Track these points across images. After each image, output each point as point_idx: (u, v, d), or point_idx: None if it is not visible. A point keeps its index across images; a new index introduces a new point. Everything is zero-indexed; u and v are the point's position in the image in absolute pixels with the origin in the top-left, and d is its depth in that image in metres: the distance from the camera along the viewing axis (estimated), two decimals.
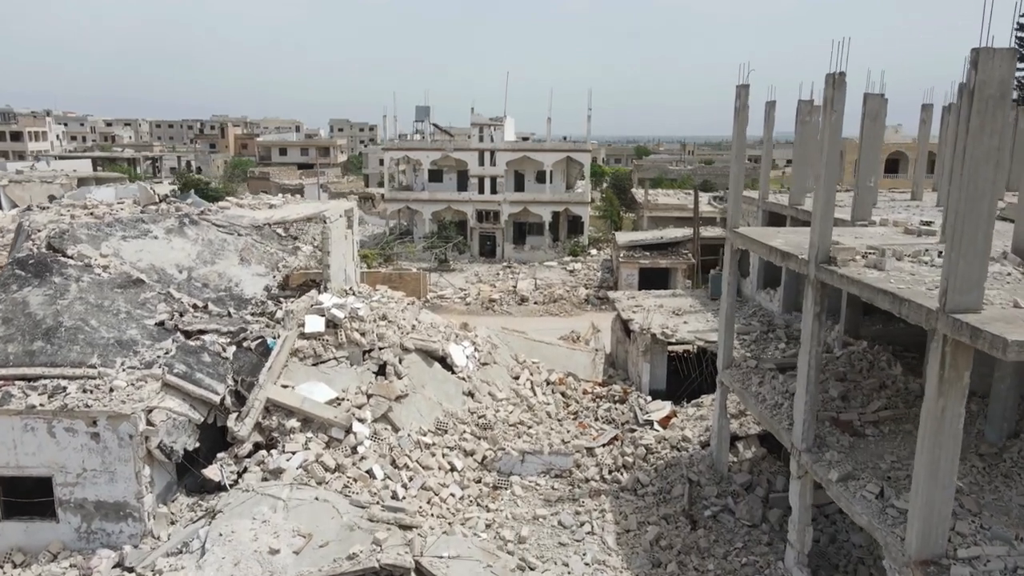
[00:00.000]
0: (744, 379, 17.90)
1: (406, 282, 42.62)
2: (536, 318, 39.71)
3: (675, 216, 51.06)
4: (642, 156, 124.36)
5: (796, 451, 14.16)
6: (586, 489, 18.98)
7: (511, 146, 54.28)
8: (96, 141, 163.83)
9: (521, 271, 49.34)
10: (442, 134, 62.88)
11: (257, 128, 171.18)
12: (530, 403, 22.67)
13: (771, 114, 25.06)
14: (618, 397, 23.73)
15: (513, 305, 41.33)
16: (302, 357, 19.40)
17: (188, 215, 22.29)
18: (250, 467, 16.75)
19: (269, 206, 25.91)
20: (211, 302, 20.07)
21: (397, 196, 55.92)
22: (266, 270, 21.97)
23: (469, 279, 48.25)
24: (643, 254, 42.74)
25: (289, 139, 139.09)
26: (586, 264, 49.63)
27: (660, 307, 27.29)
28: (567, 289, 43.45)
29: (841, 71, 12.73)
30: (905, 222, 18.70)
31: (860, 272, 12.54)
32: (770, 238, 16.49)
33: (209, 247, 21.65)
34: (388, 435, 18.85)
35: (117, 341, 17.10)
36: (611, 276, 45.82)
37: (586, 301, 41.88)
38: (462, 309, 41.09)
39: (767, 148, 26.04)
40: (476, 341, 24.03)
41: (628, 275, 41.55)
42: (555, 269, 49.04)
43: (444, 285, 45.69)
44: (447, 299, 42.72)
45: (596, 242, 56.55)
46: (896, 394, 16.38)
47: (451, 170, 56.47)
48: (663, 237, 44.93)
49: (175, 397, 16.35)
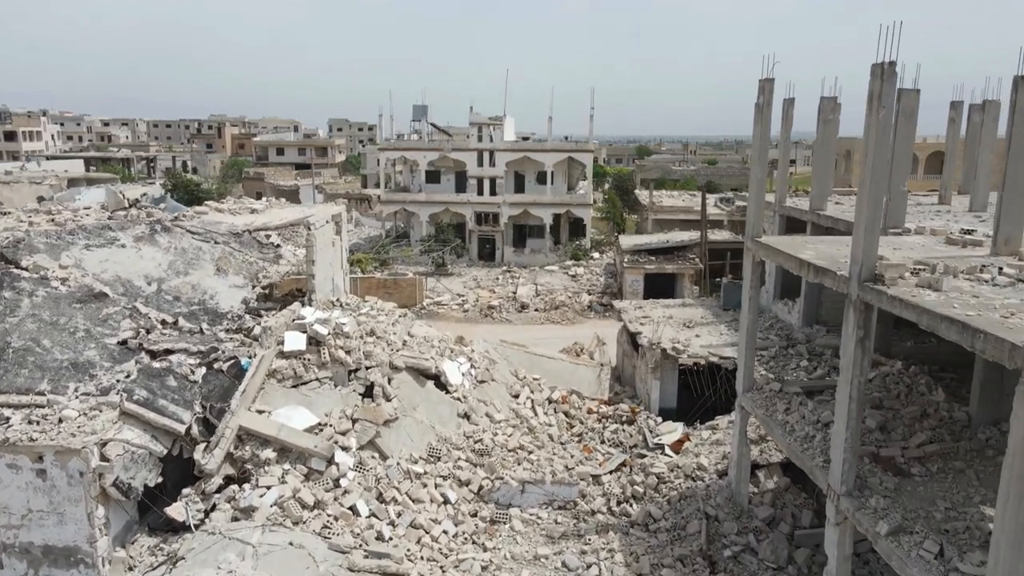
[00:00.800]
0: (768, 404, 16.18)
1: (401, 288, 40.97)
2: (537, 326, 38.00)
3: (681, 219, 49.30)
4: (644, 156, 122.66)
5: (834, 494, 12.44)
6: (592, 524, 17.26)
7: (511, 146, 52.56)
8: (92, 141, 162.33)
9: (521, 276, 47.60)
10: (440, 134, 61.19)
11: (255, 128, 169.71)
12: (531, 425, 20.95)
13: (789, 112, 23.31)
14: (626, 417, 22.01)
15: (513, 312, 39.60)
16: (280, 378, 17.68)
17: (160, 221, 20.58)
18: (219, 504, 15.04)
19: (251, 211, 24.20)
20: (183, 317, 18.34)
21: (393, 198, 54.19)
22: (244, 281, 20.26)
23: (467, 284, 46.53)
24: (648, 259, 41.02)
25: (286, 139, 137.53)
26: (588, 268, 47.90)
27: (669, 319, 25.56)
28: (569, 295, 41.72)
29: (891, 60, 11.01)
30: (944, 230, 16.98)
31: (914, 294, 10.81)
32: (798, 249, 14.76)
33: (182, 256, 19.93)
34: (375, 464, 17.14)
35: (72, 364, 15.37)
36: (614, 281, 44.11)
37: (589, 308, 40.15)
38: (460, 316, 39.38)
39: (784, 149, 24.27)
40: (473, 357, 22.31)
41: (633, 281, 39.84)
42: (556, 274, 47.31)
43: (441, 291, 43.98)
44: (444, 306, 41.01)
45: (598, 245, 54.85)
46: (940, 424, 14.64)
47: (449, 171, 54.73)
48: (668, 241, 43.22)
49: (134, 427, 14.63)
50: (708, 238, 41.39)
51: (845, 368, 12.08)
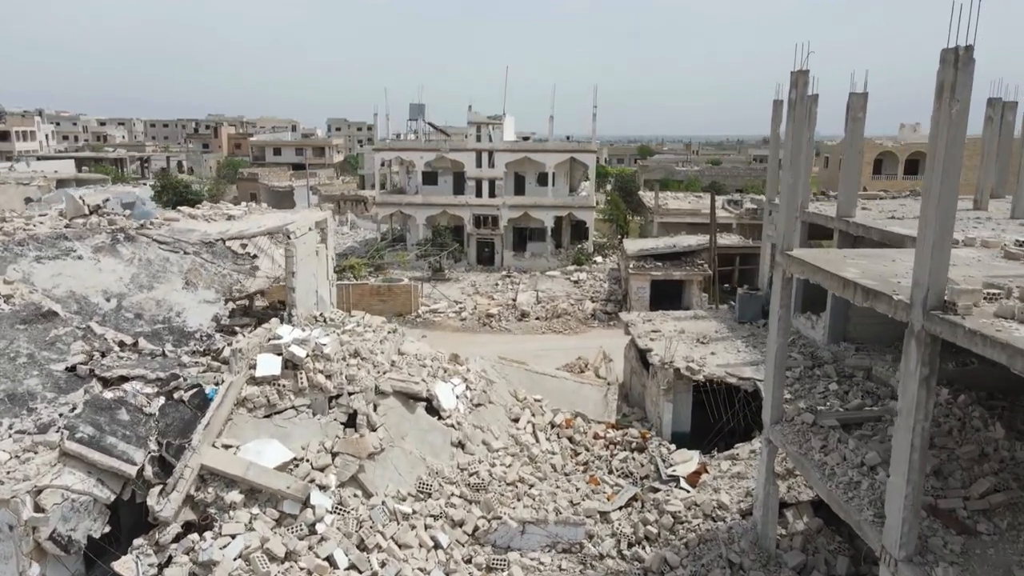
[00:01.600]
0: (801, 440, 14.27)
1: (396, 295, 39.09)
2: (538, 336, 36.10)
3: (687, 222, 47.39)
4: (646, 156, 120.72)
5: (890, 559, 10.54)
6: (601, 571, 15.36)
7: (511, 146, 50.64)
8: (88, 141, 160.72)
9: (521, 281, 45.68)
10: (438, 134, 59.29)
11: (253, 128, 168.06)
12: (531, 453, 19.04)
13: (813, 110, 21.48)
14: (636, 444, 20.10)
15: (513, 321, 37.69)
16: (251, 408, 15.78)
17: (123, 230, 18.67)
18: (176, 557, 13.14)
19: (227, 217, 22.30)
20: (144, 337, 16.45)
21: (389, 200, 52.25)
22: (216, 295, 18.36)
23: (465, 290, 44.62)
24: (655, 265, 39.11)
25: (284, 139, 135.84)
26: (591, 274, 45.98)
27: (681, 333, 23.66)
28: (571, 303, 39.80)
29: (967, 44, 9.10)
30: (996, 242, 15.07)
31: (999, 327, 8.90)
32: (840, 266, 12.85)
33: (147, 268, 18.03)
34: (357, 504, 15.24)
35: (8, 395, 13.48)
36: (619, 288, 42.19)
37: (592, 316, 38.24)
38: (457, 326, 37.48)
39: (808, 148, 22.33)
40: (468, 377, 20.41)
41: (639, 288, 37.92)
42: (558, 279, 45.40)
43: (438, 297, 42.07)
44: (441, 314, 39.11)
45: (601, 249, 52.94)
46: (1003, 467, 12.75)
47: (447, 172, 52.80)
48: (676, 246, 41.29)
49: (76, 470, 12.74)
50: (717, 242, 39.47)
51: (906, 412, 10.17)
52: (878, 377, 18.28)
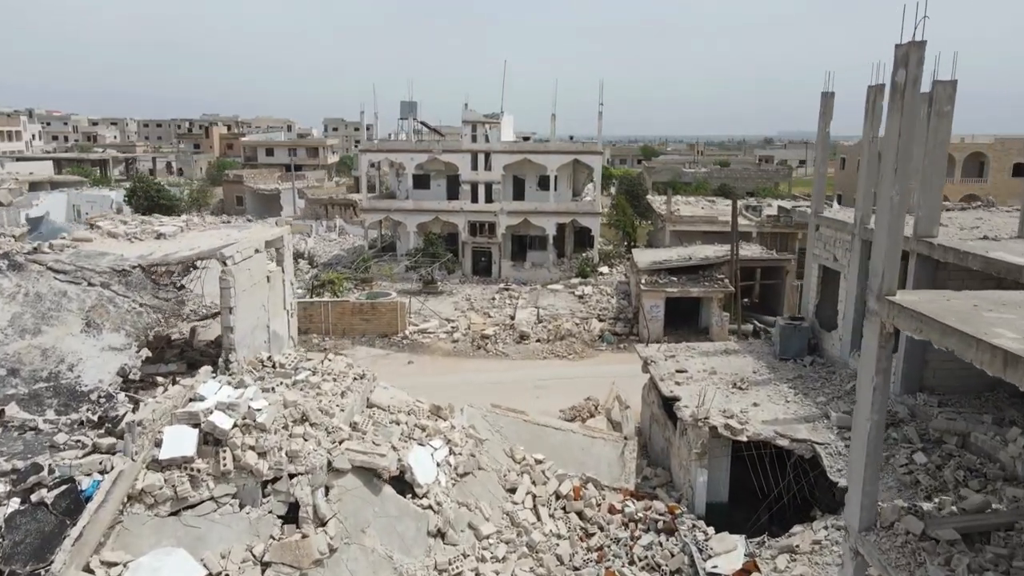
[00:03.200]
0: (909, 557, 10.15)
1: (380, 314, 34.99)
2: (539, 362, 31.99)
3: (703, 231, 43.28)
4: (650, 157, 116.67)
5: None
6: None
7: (509, 147, 46.54)
8: (78, 141, 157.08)
9: (521, 295, 41.59)
10: (432, 134, 55.24)
11: (249, 128, 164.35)
12: (531, 540, 14.93)
13: (877, 102, 17.43)
14: (662, 524, 15.98)
15: (510, 344, 33.57)
16: (152, 503, 11.68)
17: (8, 256, 14.56)
18: None
19: (156, 236, 18.20)
20: (18, 402, 12.35)
21: (376, 205, 48.14)
22: (126, 340, 14.26)
23: (459, 305, 40.52)
24: (669, 279, 35.00)
25: (276, 139, 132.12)
26: (598, 287, 41.87)
27: (711, 372, 19.54)
28: (576, 322, 35.68)
29: None
30: None
31: None
32: (979, 325, 8.72)
33: (35, 307, 13.94)
34: None
35: None
36: (629, 304, 38.07)
37: (600, 339, 34.11)
38: (448, 349, 33.36)
39: (869, 148, 18.20)
40: (453, 437, 16.30)
41: (652, 307, 33.80)
42: (561, 294, 41.28)
43: (428, 314, 37.96)
44: (430, 334, 35.00)
45: (608, 258, 48.83)
46: None
47: (440, 175, 48.72)
48: (692, 258, 37.17)
49: None
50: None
51: None
52: (979, 447, 14.16)
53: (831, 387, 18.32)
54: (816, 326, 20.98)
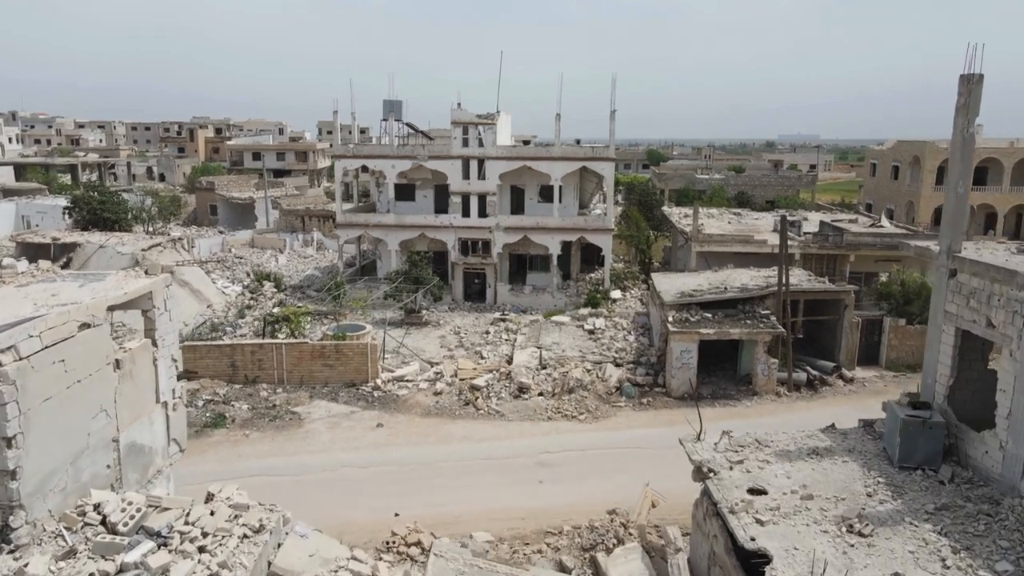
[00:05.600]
0: None
1: (346, 358, 28.40)
2: (542, 423, 25.36)
3: (734, 252, 36.73)
4: (658, 162, 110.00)
5: None
6: None
7: (506, 152, 39.97)
8: (61, 144, 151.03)
9: (520, 328, 35.00)
10: (420, 138, 48.68)
11: (240, 131, 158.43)
12: None
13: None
14: None
15: (506, 398, 26.95)
16: None
17: None
18: None
19: None
20: None
21: (352, 220, 41.55)
22: None
23: (446, 340, 33.95)
24: (701, 316, 28.40)
25: (263, 142, 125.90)
26: (611, 320, 35.26)
27: (805, 496, 12.92)
28: (588, 367, 29.07)
29: None
30: None
31: None
32: None
33: None
34: None
35: None
36: (650, 345, 31.46)
37: (618, 391, 27.50)
38: (428, 405, 26.71)
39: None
40: None
41: (682, 352, 27.19)
42: (567, 327, 34.66)
43: (407, 354, 31.36)
44: (408, 384, 28.39)
45: (620, 280, 42.25)
46: None
47: (426, 185, 42.16)
48: (726, 287, 30.60)
49: None
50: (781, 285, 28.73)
51: None
52: None
53: (1007, 532, 11.70)
54: (951, 418, 14.36)
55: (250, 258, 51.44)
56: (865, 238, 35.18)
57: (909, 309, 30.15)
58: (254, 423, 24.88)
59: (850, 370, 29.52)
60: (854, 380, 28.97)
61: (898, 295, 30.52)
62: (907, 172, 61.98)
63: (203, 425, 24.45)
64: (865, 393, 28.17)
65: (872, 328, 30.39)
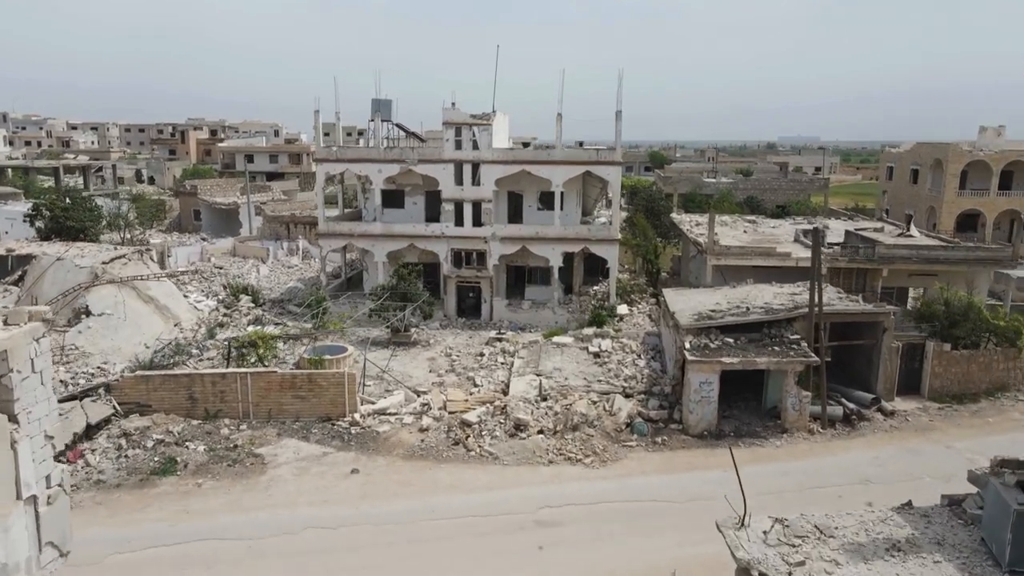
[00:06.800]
0: None
1: (321, 389, 25.11)
2: (542, 468, 22.02)
3: (753, 266, 33.41)
4: (661, 164, 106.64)
5: None
6: None
7: (503, 156, 36.65)
8: (51, 146, 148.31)
9: (518, 350, 31.68)
10: (411, 140, 45.38)
11: (235, 132, 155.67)
12: None
13: None
14: None
15: (501, 436, 23.62)
16: None
17: None
18: None
19: None
20: None
21: (335, 229, 38.25)
22: None
23: (436, 363, 30.66)
24: (723, 342, 25.08)
25: (256, 144, 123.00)
26: (618, 340, 31.92)
27: None
28: (595, 398, 25.74)
29: None
30: None
31: None
32: None
33: None
34: None
35: None
36: (663, 372, 28.15)
37: (628, 427, 24.17)
38: (413, 444, 23.38)
39: None
40: None
41: (702, 384, 23.86)
42: (570, 350, 31.32)
43: (391, 384, 28.04)
44: (390, 417, 25.08)
45: (627, 293, 38.95)
46: None
47: (416, 191, 38.87)
48: (748, 307, 27.31)
49: None
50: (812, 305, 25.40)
51: None
52: None
53: None
54: None
55: (230, 268, 48.16)
56: (900, 250, 31.84)
57: (954, 332, 26.82)
58: (210, 469, 21.53)
59: (889, 401, 26.23)
60: (895, 414, 25.65)
61: (942, 316, 27.16)
62: (928, 176, 58.66)
63: (149, 472, 21.12)
64: (909, 429, 24.85)
65: (912, 353, 27.07)
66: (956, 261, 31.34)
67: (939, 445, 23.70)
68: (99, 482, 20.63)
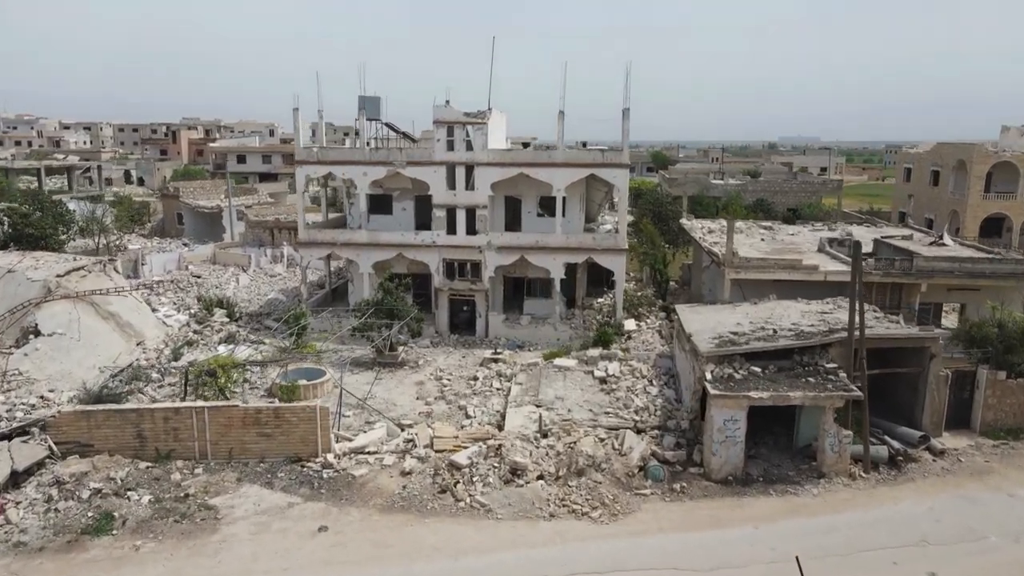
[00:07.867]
0: None
1: (289, 425, 21.96)
2: (543, 524, 18.83)
3: (775, 279, 30.22)
4: (665, 165, 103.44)
5: None
6: None
7: (500, 157, 33.44)
8: (42, 147, 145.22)
9: (515, 374, 28.53)
10: (402, 140, 42.24)
11: (231, 132, 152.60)
12: None
13: None
14: None
15: (495, 483, 20.43)
16: None
17: None
18: None
19: None
20: None
21: (317, 237, 35.08)
22: None
23: (424, 389, 27.50)
24: (748, 371, 21.90)
25: (248, 144, 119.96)
26: (627, 363, 28.74)
27: None
28: (602, 436, 22.56)
29: None
30: None
31: None
32: None
33: None
34: None
35: None
36: (678, 399, 24.99)
37: (641, 471, 20.98)
38: (393, 492, 20.20)
39: None
40: None
41: (727, 422, 20.67)
42: (574, 374, 28.14)
43: (371, 415, 24.89)
44: (368, 457, 21.91)
45: (634, 307, 35.78)
46: None
47: (405, 196, 35.71)
48: (776, 331, 24.14)
49: None
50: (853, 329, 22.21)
51: None
52: None
53: None
54: None
55: (208, 278, 44.99)
56: (940, 263, 28.63)
57: (1010, 359, 23.64)
58: (152, 526, 18.35)
59: (937, 437, 23.06)
60: (945, 453, 22.47)
61: (995, 340, 23.97)
62: (950, 178, 55.47)
63: (80, 531, 17.93)
64: (963, 472, 21.66)
65: (962, 382, 23.90)
66: (1004, 275, 28.15)
67: (1000, 492, 20.53)
68: (19, 544, 17.45)
